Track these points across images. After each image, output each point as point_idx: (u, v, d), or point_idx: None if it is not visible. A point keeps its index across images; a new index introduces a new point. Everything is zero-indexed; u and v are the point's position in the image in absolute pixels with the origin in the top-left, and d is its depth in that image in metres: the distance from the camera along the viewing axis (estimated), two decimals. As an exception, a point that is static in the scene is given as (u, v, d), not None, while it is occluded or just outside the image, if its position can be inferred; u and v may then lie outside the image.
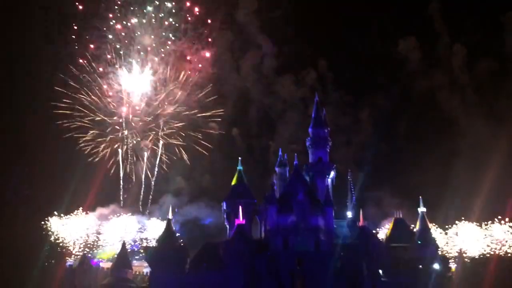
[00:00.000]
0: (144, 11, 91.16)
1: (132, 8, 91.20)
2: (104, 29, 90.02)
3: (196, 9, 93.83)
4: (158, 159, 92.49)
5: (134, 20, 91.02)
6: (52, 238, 75.98)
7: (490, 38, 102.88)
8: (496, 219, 78.75)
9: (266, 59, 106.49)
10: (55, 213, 79.27)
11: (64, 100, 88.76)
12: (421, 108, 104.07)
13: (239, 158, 74.15)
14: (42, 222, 77.37)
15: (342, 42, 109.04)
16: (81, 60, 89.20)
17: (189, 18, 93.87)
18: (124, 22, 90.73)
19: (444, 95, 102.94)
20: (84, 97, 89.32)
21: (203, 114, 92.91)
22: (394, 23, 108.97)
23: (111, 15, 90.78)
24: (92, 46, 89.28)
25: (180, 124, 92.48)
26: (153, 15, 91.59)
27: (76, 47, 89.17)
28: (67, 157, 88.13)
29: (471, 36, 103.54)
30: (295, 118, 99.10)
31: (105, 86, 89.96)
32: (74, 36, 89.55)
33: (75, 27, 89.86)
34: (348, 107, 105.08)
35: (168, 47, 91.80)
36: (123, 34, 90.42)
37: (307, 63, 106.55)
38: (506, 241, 75.73)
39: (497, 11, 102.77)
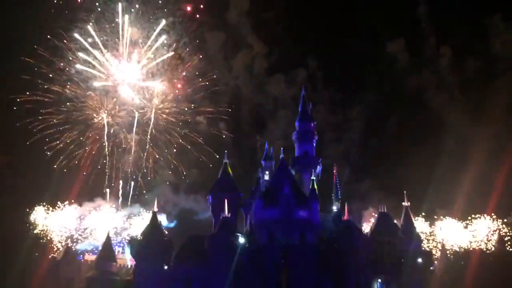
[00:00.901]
0: (132, 10, 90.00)
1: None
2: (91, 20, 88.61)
3: (188, 8, 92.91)
4: (146, 152, 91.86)
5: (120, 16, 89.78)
6: (35, 230, 75.29)
7: (475, 40, 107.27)
8: (478, 214, 79.91)
9: (257, 58, 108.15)
10: (39, 204, 78.52)
11: (47, 94, 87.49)
12: (408, 106, 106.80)
13: (225, 151, 74.66)
14: (26, 213, 76.53)
15: (333, 43, 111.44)
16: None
17: (180, 18, 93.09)
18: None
19: (431, 94, 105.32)
20: (68, 90, 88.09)
21: (208, 109, 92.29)
22: (384, 25, 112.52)
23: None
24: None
25: (169, 118, 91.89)
26: (140, 12, 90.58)
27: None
28: (52, 147, 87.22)
29: (457, 38, 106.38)
30: (285, 116, 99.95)
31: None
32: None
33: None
34: (337, 105, 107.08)
35: (156, 41, 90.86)
36: (107, 27, 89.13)
37: (298, 63, 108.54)
38: (492, 234, 76.58)
39: (481, 14, 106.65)
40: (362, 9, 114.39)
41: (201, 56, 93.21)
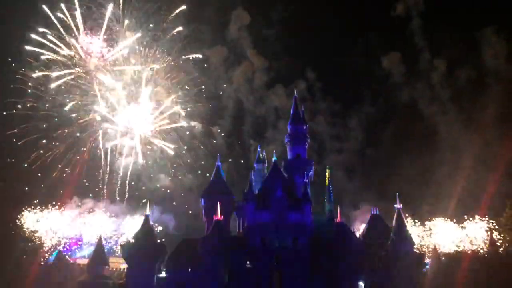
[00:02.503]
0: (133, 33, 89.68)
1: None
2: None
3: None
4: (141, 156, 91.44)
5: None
6: (26, 234, 74.61)
7: (467, 53, 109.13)
8: (470, 217, 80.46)
9: (257, 71, 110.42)
10: (30, 207, 77.78)
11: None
12: (403, 116, 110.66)
13: (218, 154, 74.77)
14: (16, 216, 75.79)
15: (331, 58, 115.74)
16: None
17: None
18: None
19: (425, 103, 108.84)
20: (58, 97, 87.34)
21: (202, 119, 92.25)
22: (379, 40, 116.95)
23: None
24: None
25: (164, 123, 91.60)
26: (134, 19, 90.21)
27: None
28: (45, 151, 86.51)
29: (450, 51, 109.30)
30: (282, 124, 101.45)
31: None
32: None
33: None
34: (335, 115, 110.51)
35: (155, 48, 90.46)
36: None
37: (297, 75, 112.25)
38: (487, 238, 77.10)
39: (473, 27, 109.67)
40: (359, 25, 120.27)
41: (205, 66, 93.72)
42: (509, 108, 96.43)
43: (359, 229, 76.92)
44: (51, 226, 77.87)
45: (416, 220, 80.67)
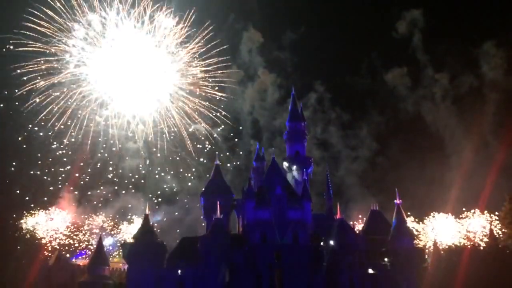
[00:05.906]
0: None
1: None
2: None
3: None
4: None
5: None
6: (27, 235, 74.49)
7: (468, 67, 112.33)
8: (470, 211, 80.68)
9: (269, 87, 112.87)
10: (31, 208, 77.80)
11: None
12: (407, 122, 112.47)
13: (216, 153, 74.83)
14: (18, 217, 75.68)
15: (339, 77, 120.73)
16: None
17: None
18: None
19: (428, 109, 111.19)
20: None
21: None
22: (384, 56, 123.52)
23: None
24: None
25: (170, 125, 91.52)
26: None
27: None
28: (44, 150, 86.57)
29: (452, 65, 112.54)
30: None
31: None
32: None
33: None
34: (344, 124, 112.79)
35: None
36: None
37: (307, 89, 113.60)
38: (484, 233, 77.34)
39: (473, 43, 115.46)
40: (364, 43, 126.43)
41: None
42: (506, 114, 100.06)
43: (359, 225, 77.22)
44: (52, 227, 77.96)
45: (416, 216, 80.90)
